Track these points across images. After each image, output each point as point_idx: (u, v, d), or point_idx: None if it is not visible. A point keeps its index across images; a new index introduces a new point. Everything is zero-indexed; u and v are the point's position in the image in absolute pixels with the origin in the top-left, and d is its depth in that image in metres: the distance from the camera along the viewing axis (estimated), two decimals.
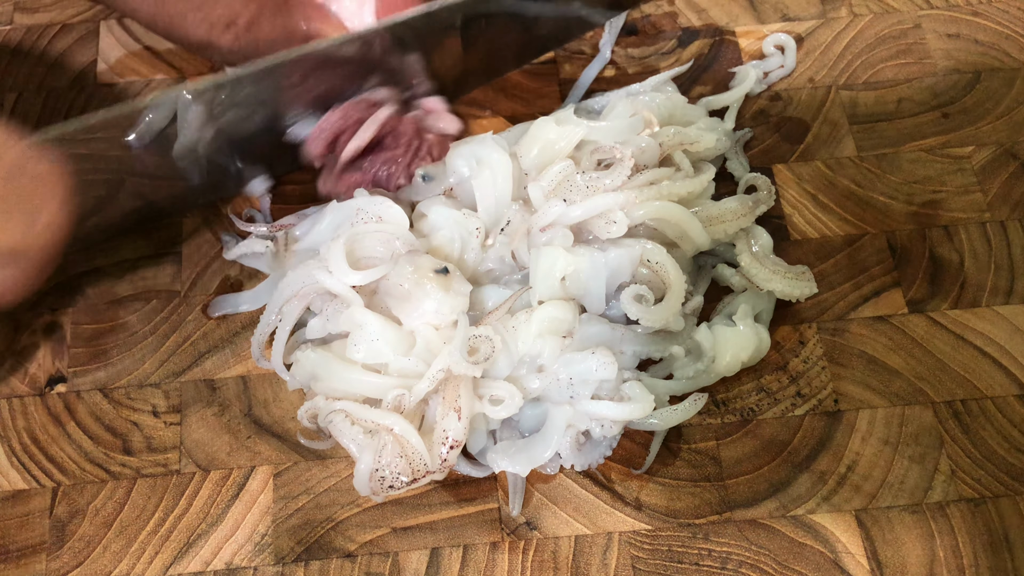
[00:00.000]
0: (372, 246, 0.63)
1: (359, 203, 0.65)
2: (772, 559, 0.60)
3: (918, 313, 0.68)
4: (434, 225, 0.66)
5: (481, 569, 0.60)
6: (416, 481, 0.59)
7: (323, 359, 0.61)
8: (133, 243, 0.71)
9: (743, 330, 0.64)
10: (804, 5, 0.81)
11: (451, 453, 0.59)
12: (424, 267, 0.61)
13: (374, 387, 0.61)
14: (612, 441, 0.62)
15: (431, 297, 0.60)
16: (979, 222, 0.71)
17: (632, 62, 0.79)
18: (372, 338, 0.61)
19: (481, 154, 0.67)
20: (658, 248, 0.63)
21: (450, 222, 0.65)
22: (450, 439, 0.59)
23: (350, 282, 0.61)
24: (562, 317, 0.62)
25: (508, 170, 0.66)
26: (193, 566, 0.61)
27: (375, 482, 0.58)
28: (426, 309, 0.60)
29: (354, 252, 0.63)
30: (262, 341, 0.65)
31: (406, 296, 0.61)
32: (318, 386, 0.62)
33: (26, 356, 0.67)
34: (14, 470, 0.64)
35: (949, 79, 0.77)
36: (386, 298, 0.62)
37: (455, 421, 0.59)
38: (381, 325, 0.61)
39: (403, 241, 0.63)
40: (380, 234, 0.63)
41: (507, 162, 0.66)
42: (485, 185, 0.66)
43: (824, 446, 0.64)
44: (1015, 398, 0.65)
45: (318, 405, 0.61)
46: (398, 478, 0.58)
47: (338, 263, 0.61)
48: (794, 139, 0.75)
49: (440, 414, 0.59)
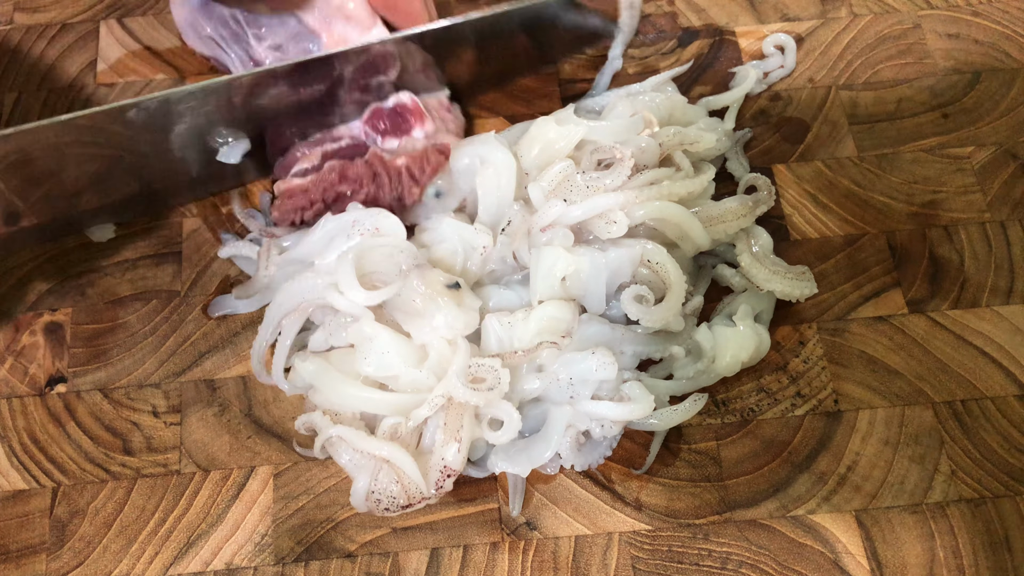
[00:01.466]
0: (376, 260, 0.62)
1: (355, 215, 0.64)
2: (772, 559, 0.60)
3: (918, 313, 0.68)
4: (437, 237, 0.65)
5: (481, 569, 0.60)
6: (411, 506, 0.59)
7: (321, 370, 0.61)
8: (133, 243, 0.71)
9: (743, 330, 0.64)
10: (804, 5, 0.81)
11: (447, 481, 0.59)
12: (435, 282, 0.60)
13: (372, 404, 0.60)
14: (612, 441, 0.62)
15: (442, 311, 0.60)
16: (979, 222, 0.71)
17: (632, 62, 0.79)
18: (382, 351, 0.60)
19: (485, 153, 0.67)
20: (658, 248, 0.63)
21: (456, 236, 0.64)
22: (448, 468, 0.59)
23: (362, 303, 0.60)
24: (561, 317, 0.62)
25: (512, 169, 0.66)
26: (193, 566, 0.61)
27: (371, 502, 0.59)
28: (437, 324, 0.60)
29: (360, 267, 0.62)
30: (262, 355, 0.64)
31: (417, 311, 0.60)
32: (316, 397, 0.62)
33: (26, 356, 0.67)
34: (14, 470, 0.64)
35: (949, 79, 0.77)
36: (395, 312, 0.61)
37: (455, 452, 0.59)
38: (391, 338, 0.60)
39: (407, 254, 0.62)
40: (385, 248, 0.62)
41: (511, 161, 0.66)
42: (488, 183, 0.66)
43: (824, 446, 0.64)
44: (1015, 398, 0.65)
45: (315, 421, 0.61)
46: (393, 501, 0.59)
47: (349, 282, 0.60)
48: (794, 139, 0.75)
49: (440, 441, 0.59)
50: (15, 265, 0.70)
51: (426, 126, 0.69)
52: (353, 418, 0.61)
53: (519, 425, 0.60)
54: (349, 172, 0.67)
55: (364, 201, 0.67)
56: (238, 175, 0.72)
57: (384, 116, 0.69)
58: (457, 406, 0.59)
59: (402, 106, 0.69)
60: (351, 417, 0.61)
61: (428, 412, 0.59)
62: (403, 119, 0.69)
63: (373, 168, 0.67)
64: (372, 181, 0.67)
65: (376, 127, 0.69)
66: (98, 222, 0.71)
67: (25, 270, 0.70)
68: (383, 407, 0.60)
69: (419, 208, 0.68)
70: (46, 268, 0.70)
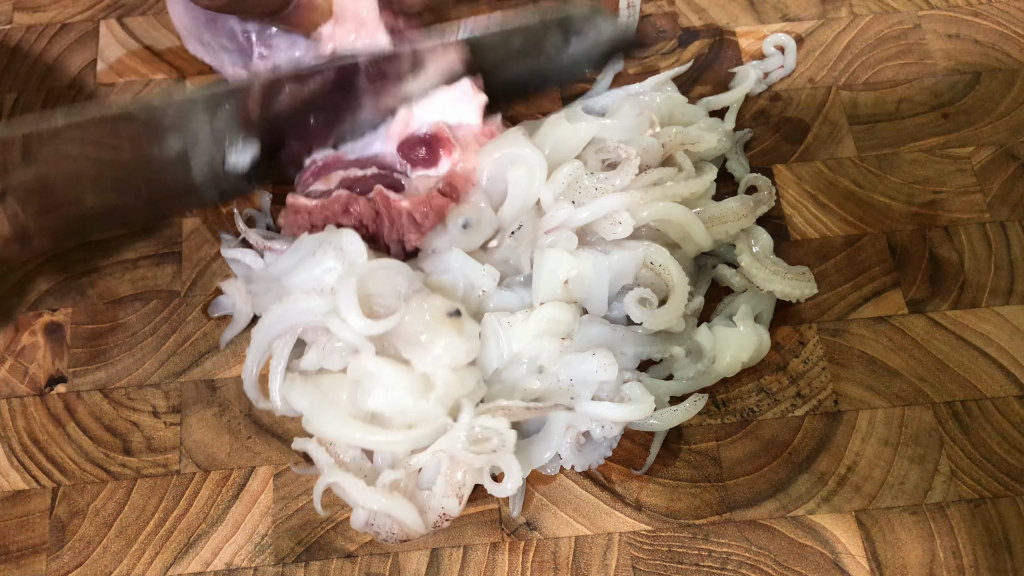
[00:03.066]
0: (376, 284, 0.61)
1: (325, 235, 0.62)
2: (772, 559, 0.60)
3: (918, 313, 0.68)
4: (441, 266, 0.64)
5: (481, 569, 0.60)
6: (408, 540, 0.59)
7: (315, 403, 0.60)
8: (133, 243, 0.71)
9: (743, 331, 0.64)
10: (804, 5, 0.81)
11: (445, 523, 0.59)
12: (436, 308, 0.59)
13: (368, 442, 0.59)
14: (612, 442, 0.62)
15: (443, 339, 0.59)
16: (979, 222, 0.71)
17: (632, 62, 0.79)
18: (387, 385, 0.59)
19: (515, 153, 0.65)
20: (661, 250, 0.63)
21: (460, 271, 0.63)
22: (447, 513, 0.59)
23: (365, 332, 0.58)
24: (561, 318, 0.62)
25: (545, 168, 0.64)
26: (193, 566, 0.61)
27: (369, 530, 0.59)
28: (439, 352, 0.59)
29: (359, 291, 0.60)
30: (254, 379, 0.63)
31: (418, 340, 0.59)
32: (309, 426, 0.61)
33: (26, 356, 0.67)
34: (14, 470, 0.64)
35: (949, 79, 0.77)
36: (395, 340, 0.60)
37: (455, 503, 0.58)
38: (395, 371, 0.59)
39: (404, 277, 0.61)
40: (383, 271, 0.60)
41: (543, 160, 0.64)
42: (520, 182, 0.64)
43: (824, 447, 0.64)
44: (1015, 398, 0.65)
45: (312, 452, 0.60)
46: (392, 536, 0.59)
47: (351, 312, 0.58)
48: (794, 139, 0.75)
49: (439, 492, 0.58)
50: (15, 265, 0.70)
51: (452, 155, 0.66)
52: (349, 447, 0.60)
53: (521, 480, 0.59)
54: (352, 207, 0.65)
55: (364, 238, 0.64)
56: (248, 182, 0.71)
57: (418, 144, 0.67)
58: (459, 462, 0.58)
59: (433, 136, 0.67)
60: (347, 447, 0.60)
61: (427, 460, 0.58)
62: (432, 149, 0.67)
63: (375, 208, 0.65)
64: (373, 220, 0.66)
65: (409, 156, 0.67)
66: (109, 231, 0.70)
67: (25, 270, 0.70)
68: (379, 445, 0.59)
69: (443, 238, 0.65)
70: (46, 268, 0.70)
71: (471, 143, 0.68)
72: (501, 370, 0.62)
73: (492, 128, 0.69)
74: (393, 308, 0.60)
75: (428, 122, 0.68)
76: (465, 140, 0.68)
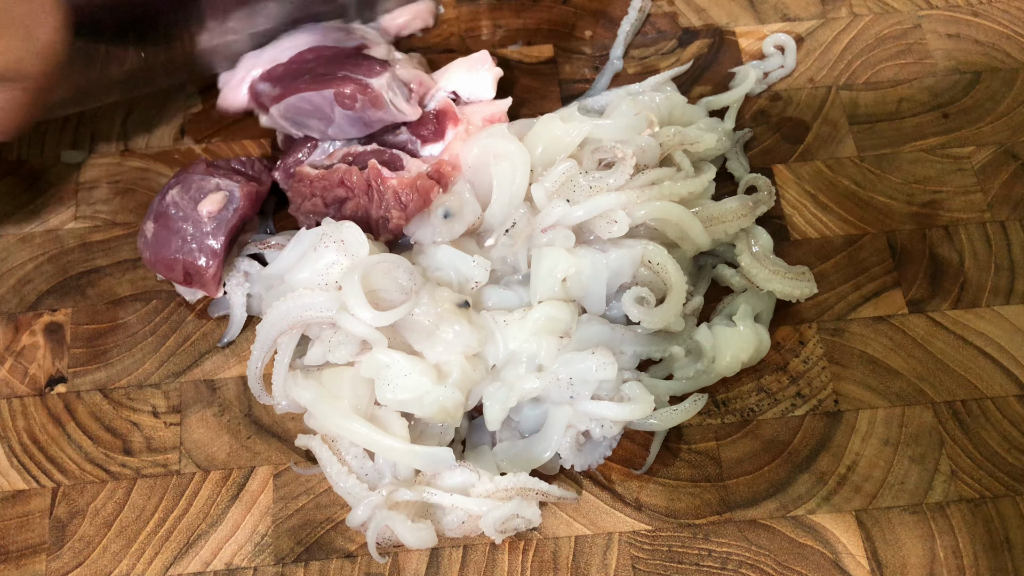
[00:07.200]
0: (379, 279, 0.61)
1: (324, 228, 0.62)
2: (772, 559, 0.60)
3: (918, 313, 0.68)
4: (434, 264, 0.64)
5: (481, 569, 0.60)
6: (402, 546, 0.60)
7: (316, 395, 0.60)
8: (133, 243, 0.71)
9: (743, 330, 0.64)
10: (804, 5, 0.81)
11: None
12: (445, 300, 0.60)
13: (371, 443, 0.59)
14: (612, 441, 0.62)
15: (455, 327, 0.59)
16: (979, 222, 0.71)
17: (632, 62, 0.79)
18: (403, 374, 0.59)
19: (496, 146, 0.66)
20: (659, 249, 0.63)
21: (451, 265, 0.64)
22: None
23: (374, 323, 0.58)
24: (559, 316, 0.62)
25: (528, 161, 0.65)
26: (193, 566, 0.61)
27: (366, 532, 0.59)
28: (451, 340, 0.59)
29: (364, 286, 0.60)
30: (258, 375, 0.63)
31: (428, 331, 0.59)
32: (311, 422, 0.61)
33: (26, 356, 0.67)
34: (14, 470, 0.64)
35: (949, 79, 0.77)
36: (405, 333, 0.60)
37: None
38: (409, 361, 0.59)
39: (404, 270, 0.61)
40: (385, 265, 0.61)
41: (525, 153, 0.65)
42: (504, 176, 0.65)
43: (824, 446, 0.64)
44: (1015, 398, 0.65)
45: (314, 448, 0.60)
46: (387, 539, 0.59)
47: (359, 305, 0.58)
48: (794, 139, 0.75)
49: (450, 527, 0.60)
50: (15, 265, 0.70)
51: (458, 127, 0.70)
52: (352, 444, 0.60)
53: (538, 521, 0.60)
54: (347, 179, 0.66)
55: (355, 210, 0.67)
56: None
57: (427, 121, 0.70)
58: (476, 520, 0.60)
59: (440, 111, 0.70)
60: (349, 444, 0.60)
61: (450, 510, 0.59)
62: (440, 122, 0.69)
63: (369, 181, 0.66)
64: (365, 193, 0.66)
65: (419, 132, 0.70)
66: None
67: (25, 270, 0.70)
68: (379, 446, 0.59)
69: (426, 228, 0.66)
70: (46, 268, 0.70)
71: (477, 124, 0.70)
72: (500, 368, 0.62)
73: (498, 112, 0.71)
74: (397, 301, 0.60)
75: (440, 97, 0.71)
76: (471, 119, 0.70)
